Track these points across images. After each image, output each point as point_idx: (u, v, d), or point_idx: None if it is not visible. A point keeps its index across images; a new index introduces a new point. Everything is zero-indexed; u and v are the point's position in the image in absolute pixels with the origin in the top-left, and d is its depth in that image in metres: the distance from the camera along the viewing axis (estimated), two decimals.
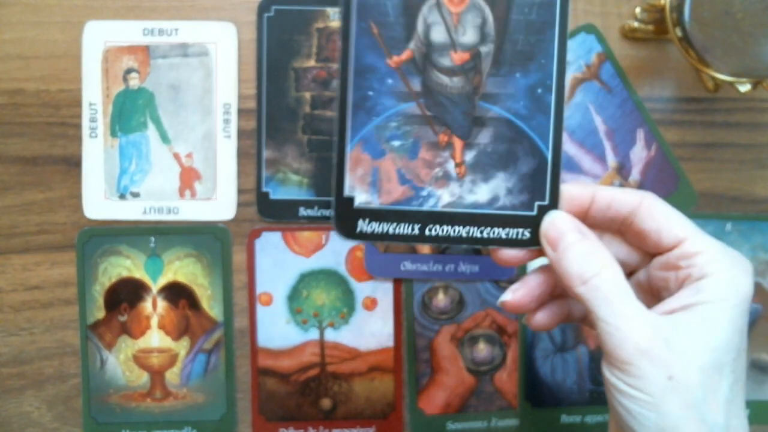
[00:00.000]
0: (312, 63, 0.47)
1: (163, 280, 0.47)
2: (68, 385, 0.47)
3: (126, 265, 0.47)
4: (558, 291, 0.34)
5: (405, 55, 0.33)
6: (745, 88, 0.44)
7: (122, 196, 0.47)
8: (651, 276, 0.33)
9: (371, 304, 0.48)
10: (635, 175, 0.49)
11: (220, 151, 0.47)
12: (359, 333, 0.48)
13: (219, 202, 0.47)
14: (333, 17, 0.47)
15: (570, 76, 0.49)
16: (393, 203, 0.33)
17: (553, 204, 0.32)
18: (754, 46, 0.41)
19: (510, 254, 0.33)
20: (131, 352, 0.47)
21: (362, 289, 0.48)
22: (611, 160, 0.49)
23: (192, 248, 0.47)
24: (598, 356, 0.49)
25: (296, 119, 0.47)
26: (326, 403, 0.48)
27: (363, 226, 0.33)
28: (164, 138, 0.47)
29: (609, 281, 0.29)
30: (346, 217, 0.33)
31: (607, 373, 0.30)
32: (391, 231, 0.33)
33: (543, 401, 0.49)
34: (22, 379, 0.47)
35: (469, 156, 0.33)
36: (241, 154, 0.47)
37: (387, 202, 0.33)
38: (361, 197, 0.33)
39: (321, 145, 0.47)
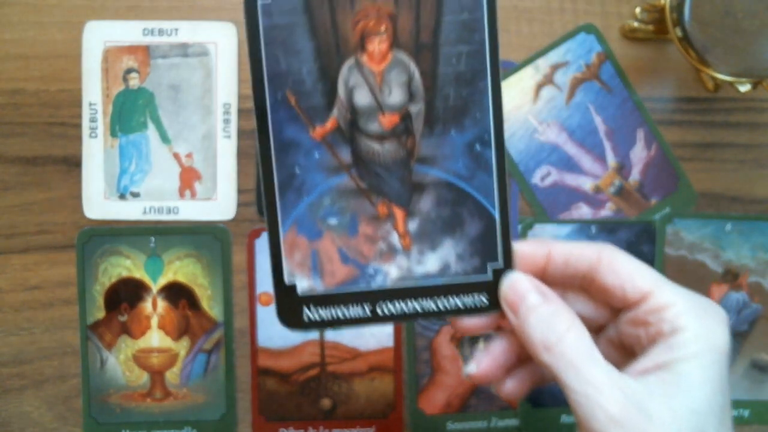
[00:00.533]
0: None
1: (163, 280, 0.47)
2: (68, 385, 0.47)
3: (126, 265, 0.47)
4: (525, 356, 0.31)
5: (329, 124, 0.30)
6: (745, 88, 0.44)
7: (122, 196, 0.47)
8: (621, 332, 0.30)
9: None
10: (635, 175, 0.49)
11: (220, 151, 0.47)
12: (359, 333, 0.48)
13: (219, 202, 0.47)
14: None
15: (570, 76, 0.49)
16: (338, 285, 0.31)
17: (508, 265, 0.30)
18: (754, 46, 0.41)
19: (470, 323, 0.31)
20: (131, 352, 0.47)
21: None
22: (611, 160, 0.49)
23: (192, 248, 0.47)
24: None
25: None
26: (326, 403, 0.48)
27: (309, 314, 0.31)
28: (164, 138, 0.47)
29: (573, 346, 0.27)
30: (289, 307, 0.31)
31: None
32: (340, 315, 0.31)
33: (543, 401, 0.49)
34: (22, 379, 0.47)
35: (413, 225, 0.31)
36: (241, 154, 0.47)
37: (332, 285, 0.31)
38: (303, 283, 0.31)
39: None
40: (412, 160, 0.30)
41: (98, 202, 0.47)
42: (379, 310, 0.31)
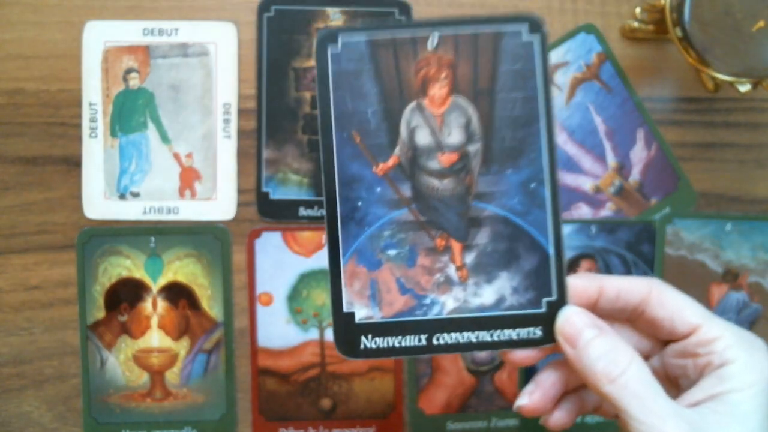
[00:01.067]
0: (312, 63, 0.47)
1: (163, 280, 0.47)
2: (68, 385, 0.47)
3: (126, 265, 0.47)
4: (572, 386, 0.33)
5: (391, 161, 0.32)
6: (745, 88, 0.44)
7: (122, 196, 0.47)
8: (666, 363, 0.32)
9: None
10: (635, 175, 0.49)
11: (220, 151, 0.47)
12: None
13: (219, 202, 0.47)
14: (333, 17, 0.47)
15: (570, 76, 0.49)
16: (395, 315, 0.32)
17: (562, 299, 0.31)
18: (754, 46, 0.41)
19: (523, 355, 0.32)
20: (131, 352, 0.47)
21: None
22: (611, 160, 0.49)
23: (192, 248, 0.47)
24: None
25: (296, 119, 0.47)
26: (326, 403, 0.48)
27: (366, 342, 0.31)
28: (164, 138, 0.47)
29: (637, 379, 0.29)
30: (347, 335, 0.31)
31: None
32: (396, 345, 0.31)
33: None
34: (22, 379, 0.47)
35: (470, 258, 0.32)
36: (241, 154, 0.47)
37: (389, 315, 0.32)
38: (362, 312, 0.31)
39: None
40: (470, 196, 0.32)
41: (98, 202, 0.47)
42: (434, 341, 0.31)
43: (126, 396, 0.47)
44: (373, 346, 0.31)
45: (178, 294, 0.47)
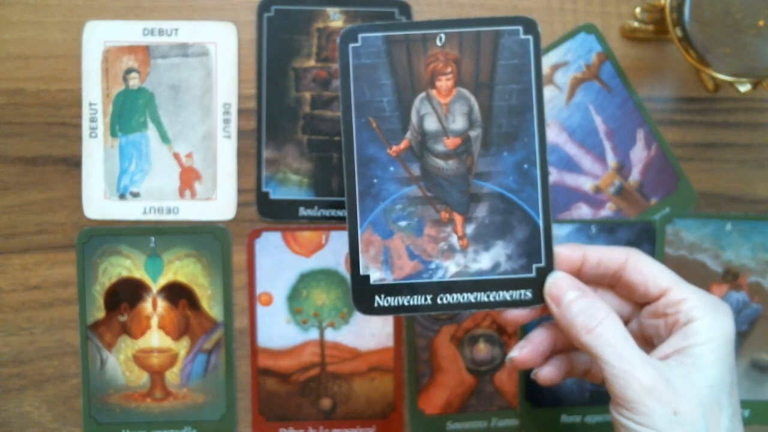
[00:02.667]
0: (312, 63, 0.47)
1: (163, 280, 0.47)
2: (68, 385, 0.47)
3: (126, 265, 0.47)
4: (560, 347, 0.37)
5: (403, 144, 0.37)
6: (745, 88, 0.44)
7: (122, 196, 0.47)
8: (642, 324, 0.36)
9: None
10: (635, 175, 0.49)
11: (220, 151, 0.47)
12: (359, 333, 0.48)
13: (219, 202, 0.47)
14: (333, 17, 0.47)
15: (570, 76, 0.49)
16: (405, 278, 0.36)
17: (549, 265, 0.36)
18: (754, 46, 0.41)
19: (515, 314, 0.37)
20: (131, 352, 0.47)
21: None
22: (611, 160, 0.49)
23: (192, 248, 0.47)
24: None
25: (296, 119, 0.47)
26: (326, 403, 0.48)
27: (380, 301, 0.36)
28: (164, 138, 0.47)
29: (611, 330, 0.33)
30: (364, 295, 0.36)
31: (616, 414, 0.32)
32: (405, 303, 0.36)
33: (543, 401, 0.49)
34: (22, 379, 0.47)
35: (470, 229, 0.36)
36: (241, 154, 0.47)
37: (399, 277, 0.36)
38: (376, 275, 0.36)
39: (321, 145, 0.47)
40: (471, 175, 0.37)
41: (98, 202, 0.47)
42: (439, 300, 0.36)
43: (126, 396, 0.47)
44: (386, 304, 0.36)
45: (178, 294, 0.47)
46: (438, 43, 0.36)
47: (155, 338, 0.47)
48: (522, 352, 0.37)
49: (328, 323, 0.48)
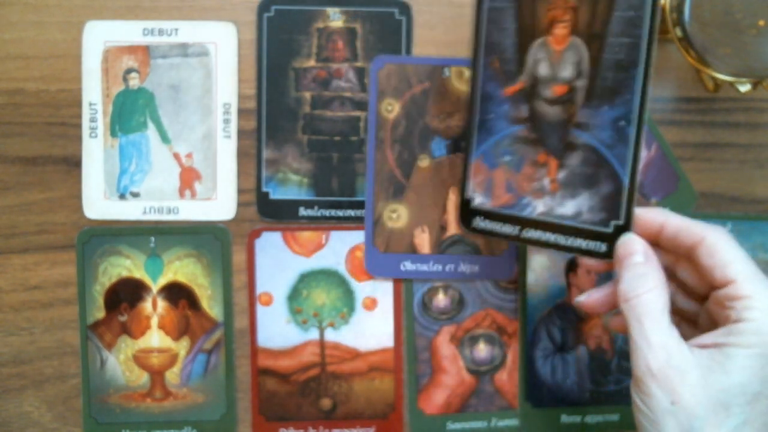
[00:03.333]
0: (312, 63, 0.47)
1: (163, 280, 0.47)
2: (68, 385, 0.47)
3: (126, 265, 0.47)
4: None
5: (518, 85, 0.39)
6: (745, 88, 0.44)
7: (122, 196, 0.47)
8: (709, 309, 0.35)
9: (371, 304, 0.48)
10: None
11: (220, 151, 0.47)
12: (359, 333, 0.48)
13: (219, 202, 0.47)
14: (333, 17, 0.47)
15: None
16: (500, 207, 0.39)
17: (627, 225, 0.36)
18: (754, 46, 0.41)
19: (589, 262, 0.37)
20: (131, 352, 0.47)
21: (362, 289, 0.48)
22: None
23: (192, 248, 0.47)
24: (598, 356, 0.49)
25: (296, 119, 0.47)
26: (326, 403, 0.48)
27: (478, 222, 0.40)
28: (164, 138, 0.47)
29: (645, 305, 0.32)
30: (466, 214, 0.40)
31: (631, 383, 0.33)
32: (497, 229, 0.39)
33: (543, 401, 0.49)
34: (22, 379, 0.47)
35: (561, 175, 0.38)
36: (241, 154, 0.47)
37: (496, 205, 0.39)
38: (478, 199, 0.40)
39: (321, 145, 0.47)
40: (571, 123, 0.37)
41: (98, 202, 0.47)
42: (524, 233, 0.39)
43: (126, 396, 0.47)
44: (482, 226, 0.40)
45: (178, 294, 0.47)
46: None
47: (155, 338, 0.47)
48: (591, 297, 0.37)
49: (328, 323, 0.48)
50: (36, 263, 0.47)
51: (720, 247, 0.34)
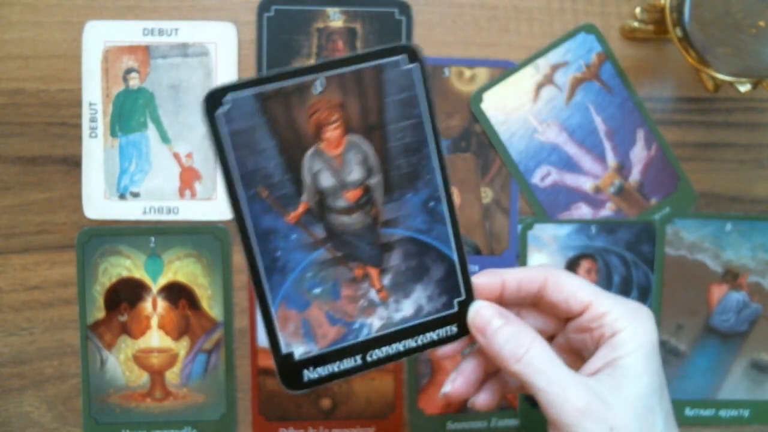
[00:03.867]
0: (312, 62, 0.47)
1: (163, 280, 0.47)
2: (68, 385, 0.47)
3: (126, 265, 0.47)
4: (491, 370, 0.37)
5: (301, 208, 0.33)
6: (745, 88, 0.44)
7: (122, 196, 0.47)
8: (569, 339, 0.36)
9: None
10: (635, 175, 0.49)
11: None
12: None
13: (219, 202, 0.47)
14: (333, 17, 0.47)
15: (570, 76, 0.49)
16: (330, 345, 0.34)
17: (470, 296, 0.35)
18: (754, 46, 0.41)
19: (444, 350, 0.35)
20: (131, 352, 0.47)
21: None
22: (611, 160, 0.49)
23: (192, 248, 0.47)
24: None
25: None
26: (326, 403, 0.48)
27: (309, 374, 0.34)
28: (164, 138, 0.47)
29: (539, 356, 0.32)
30: (290, 372, 0.34)
31: None
32: (336, 369, 0.34)
33: None
34: (22, 379, 0.47)
35: (387, 279, 0.35)
36: None
37: (325, 346, 0.34)
38: (300, 349, 0.34)
39: None
40: (378, 225, 0.34)
41: (98, 202, 0.47)
42: (368, 358, 0.34)
43: (126, 396, 0.47)
44: (315, 376, 0.34)
45: (178, 294, 0.47)
46: (317, 90, 0.32)
47: (155, 338, 0.47)
48: (455, 385, 0.36)
49: None
50: (36, 263, 0.47)
51: (564, 281, 0.35)
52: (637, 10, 0.47)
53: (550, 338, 0.37)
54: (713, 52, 0.43)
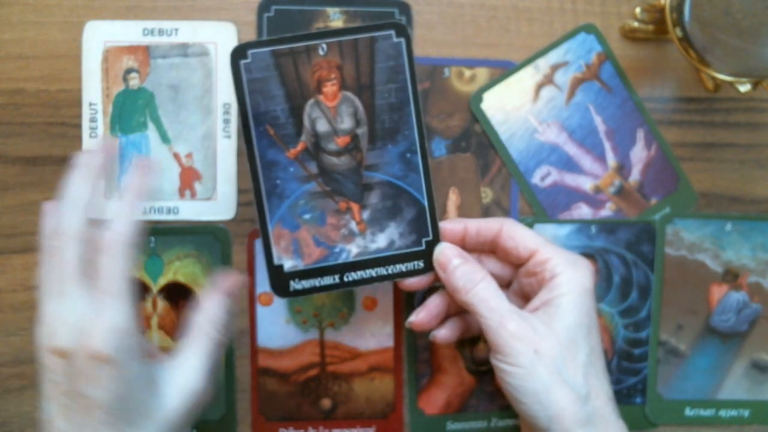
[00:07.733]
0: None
1: (163, 280, 0.47)
2: None
3: None
4: (454, 310, 0.43)
5: (299, 146, 0.40)
6: (745, 88, 0.44)
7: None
8: (521, 284, 0.42)
9: (371, 304, 0.48)
10: (635, 175, 0.49)
11: (220, 151, 0.47)
12: (359, 333, 0.48)
13: (219, 202, 0.47)
14: (333, 17, 0.47)
15: (570, 76, 0.49)
16: (314, 263, 0.41)
17: (436, 238, 0.41)
18: (754, 46, 0.41)
19: (411, 281, 0.42)
20: None
21: (362, 288, 0.48)
22: (611, 160, 0.49)
23: (192, 248, 0.47)
24: None
25: None
26: (326, 403, 0.48)
27: (294, 285, 0.41)
28: (164, 138, 0.47)
29: (486, 289, 0.39)
30: (280, 281, 0.41)
31: (493, 359, 0.39)
32: (317, 284, 0.41)
33: None
34: (22, 379, 0.47)
35: (366, 214, 0.41)
36: (241, 154, 0.47)
37: (309, 263, 0.41)
38: (288, 263, 0.41)
39: None
40: (362, 168, 0.41)
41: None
42: (345, 278, 0.41)
43: None
44: (300, 287, 0.41)
45: (178, 294, 0.47)
46: (320, 52, 0.40)
47: (155, 338, 0.47)
48: (419, 316, 0.42)
49: (328, 323, 0.48)
50: (36, 263, 0.47)
51: (516, 231, 0.41)
52: (637, 10, 0.47)
53: (507, 285, 0.43)
54: (713, 52, 0.43)
